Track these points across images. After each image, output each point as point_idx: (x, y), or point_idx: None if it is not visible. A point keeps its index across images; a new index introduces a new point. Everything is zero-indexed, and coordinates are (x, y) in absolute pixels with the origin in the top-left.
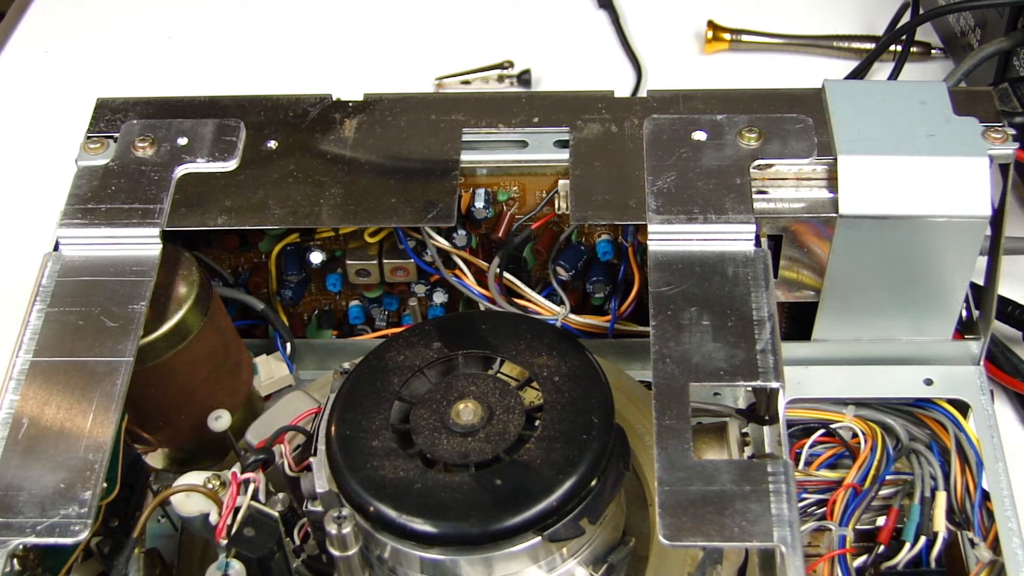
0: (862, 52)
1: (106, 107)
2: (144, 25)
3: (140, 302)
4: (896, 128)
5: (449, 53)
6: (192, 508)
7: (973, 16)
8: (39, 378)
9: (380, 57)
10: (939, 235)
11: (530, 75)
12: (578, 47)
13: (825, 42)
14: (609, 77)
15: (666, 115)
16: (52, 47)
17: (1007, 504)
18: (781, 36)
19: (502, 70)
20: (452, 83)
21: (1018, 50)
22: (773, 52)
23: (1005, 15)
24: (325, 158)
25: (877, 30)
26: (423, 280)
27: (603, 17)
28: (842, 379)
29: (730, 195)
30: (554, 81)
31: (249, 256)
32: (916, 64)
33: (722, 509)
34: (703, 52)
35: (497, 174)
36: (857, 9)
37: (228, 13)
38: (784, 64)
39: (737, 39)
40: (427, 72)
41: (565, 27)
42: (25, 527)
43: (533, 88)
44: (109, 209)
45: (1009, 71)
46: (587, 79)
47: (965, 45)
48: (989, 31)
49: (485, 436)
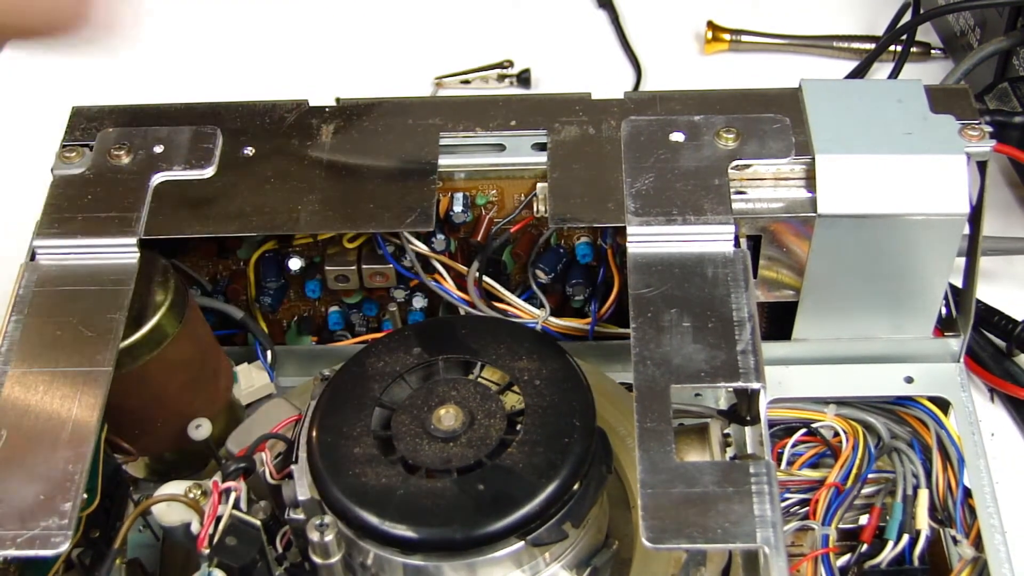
0: (862, 52)
1: (81, 115)
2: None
3: (118, 311)
4: (873, 127)
5: (449, 53)
6: (173, 518)
7: (973, 16)
8: (17, 389)
9: (380, 57)
10: (917, 233)
11: (530, 75)
12: (578, 47)
13: (825, 42)
14: (609, 77)
15: (643, 117)
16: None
17: (989, 501)
18: (781, 36)
19: (502, 70)
20: (452, 83)
21: (1018, 50)
22: (773, 52)
23: (1005, 15)
24: (303, 164)
25: (877, 30)
26: (402, 285)
27: (603, 17)
28: (823, 378)
29: (708, 196)
30: (554, 81)
31: (228, 263)
32: (916, 64)
33: (705, 511)
34: (703, 52)
35: (475, 178)
36: (857, 9)
37: (218, 15)
38: (784, 64)
39: (737, 39)
40: (426, 72)
41: (565, 27)
42: (5, 540)
43: (533, 88)
44: (86, 219)
45: (1009, 71)
46: (587, 79)
47: (965, 45)
48: (989, 31)
49: (467, 441)
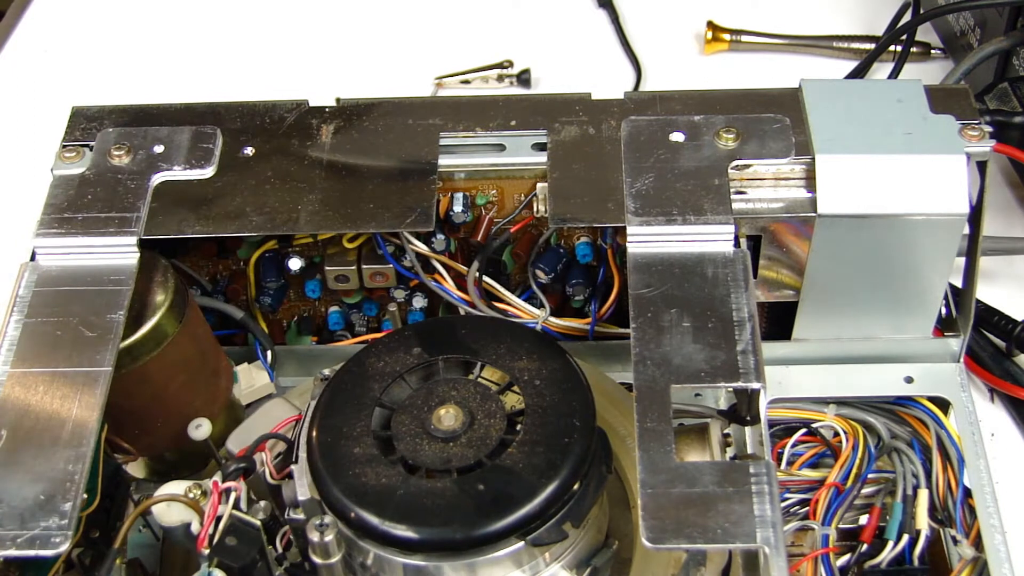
0: (862, 52)
1: (81, 115)
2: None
3: (118, 311)
4: (873, 127)
5: (449, 53)
6: (173, 518)
7: (973, 16)
8: (17, 389)
9: (380, 57)
10: (917, 233)
11: (530, 75)
12: (578, 47)
13: (825, 42)
14: (609, 77)
15: (643, 117)
16: (47, 50)
17: (989, 501)
18: (781, 36)
19: (502, 70)
20: (452, 83)
21: (1018, 50)
22: (773, 52)
23: (1005, 15)
24: (302, 164)
25: (877, 30)
26: (402, 285)
27: (603, 17)
28: (823, 378)
29: (708, 196)
30: (554, 81)
31: (227, 263)
32: (916, 64)
33: (705, 511)
34: (703, 52)
35: (475, 178)
36: (857, 9)
37: (221, 15)
38: (784, 64)
39: (737, 39)
40: (427, 72)
41: (565, 27)
42: (5, 540)
43: (533, 88)
44: (86, 218)
45: (1009, 71)
46: (587, 79)
47: (965, 45)
48: (989, 31)
49: (467, 441)
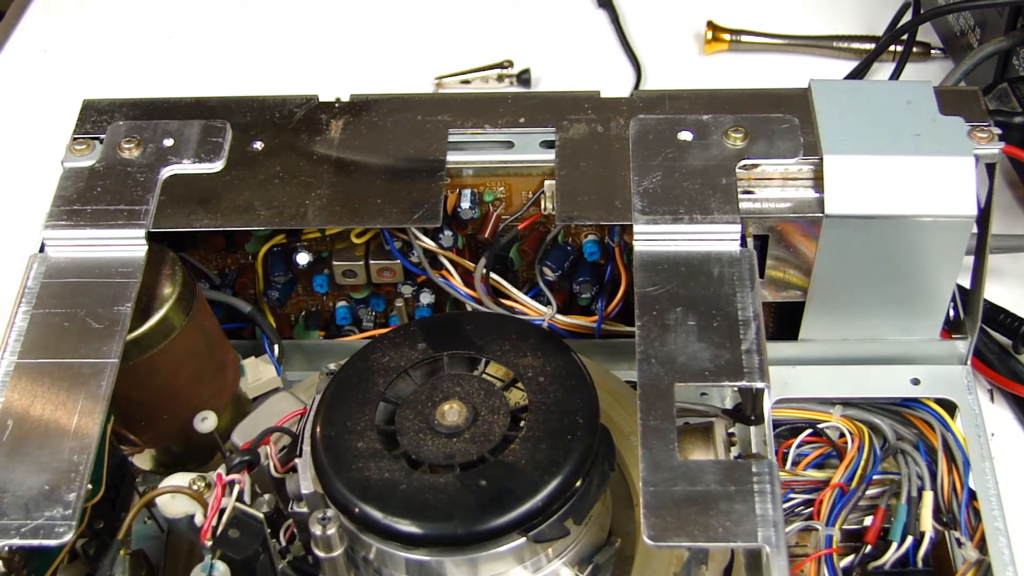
0: (862, 52)
1: (92, 108)
2: (141, 25)
3: (125, 303)
4: (882, 128)
5: (449, 53)
6: (177, 509)
7: (973, 16)
8: (24, 379)
9: (380, 57)
10: (925, 235)
11: (529, 75)
12: (578, 47)
13: (825, 42)
14: (609, 77)
15: (652, 115)
16: (51, 47)
17: (994, 504)
18: (781, 36)
19: (502, 70)
20: (452, 83)
21: (1018, 50)
22: (773, 52)
23: (1005, 15)
24: (311, 159)
25: (877, 30)
26: (410, 281)
27: (603, 17)
28: (829, 379)
29: (716, 195)
30: (554, 81)
31: (236, 257)
32: (916, 64)
33: (706, 509)
34: (703, 52)
35: (483, 175)
36: (857, 9)
37: (226, 12)
38: (784, 64)
39: (737, 39)
40: (427, 72)
41: (565, 27)
42: (10, 529)
43: (533, 88)
44: (95, 211)
45: (1009, 71)
46: (587, 79)
47: (965, 45)
48: (989, 31)
49: (470, 437)
